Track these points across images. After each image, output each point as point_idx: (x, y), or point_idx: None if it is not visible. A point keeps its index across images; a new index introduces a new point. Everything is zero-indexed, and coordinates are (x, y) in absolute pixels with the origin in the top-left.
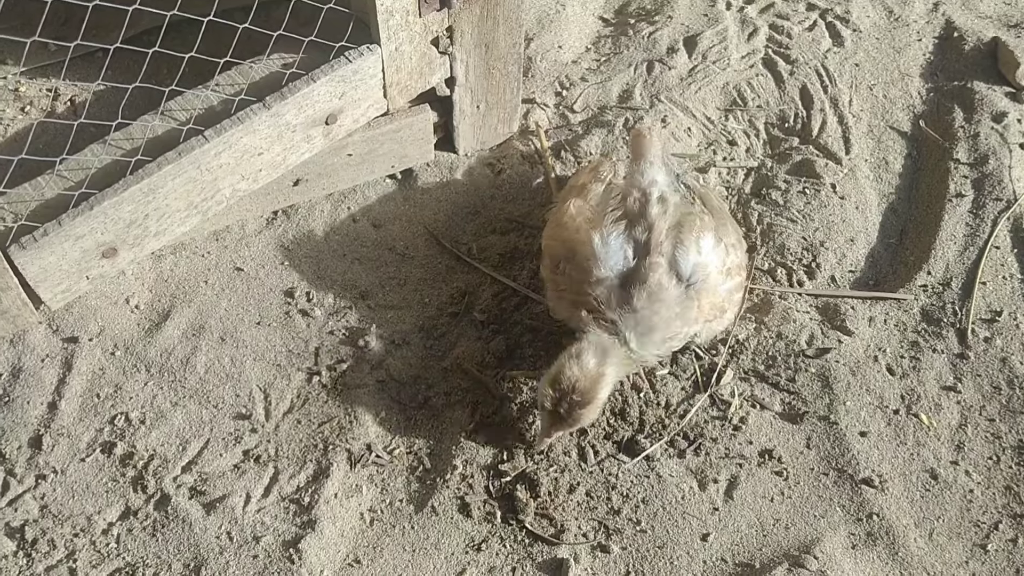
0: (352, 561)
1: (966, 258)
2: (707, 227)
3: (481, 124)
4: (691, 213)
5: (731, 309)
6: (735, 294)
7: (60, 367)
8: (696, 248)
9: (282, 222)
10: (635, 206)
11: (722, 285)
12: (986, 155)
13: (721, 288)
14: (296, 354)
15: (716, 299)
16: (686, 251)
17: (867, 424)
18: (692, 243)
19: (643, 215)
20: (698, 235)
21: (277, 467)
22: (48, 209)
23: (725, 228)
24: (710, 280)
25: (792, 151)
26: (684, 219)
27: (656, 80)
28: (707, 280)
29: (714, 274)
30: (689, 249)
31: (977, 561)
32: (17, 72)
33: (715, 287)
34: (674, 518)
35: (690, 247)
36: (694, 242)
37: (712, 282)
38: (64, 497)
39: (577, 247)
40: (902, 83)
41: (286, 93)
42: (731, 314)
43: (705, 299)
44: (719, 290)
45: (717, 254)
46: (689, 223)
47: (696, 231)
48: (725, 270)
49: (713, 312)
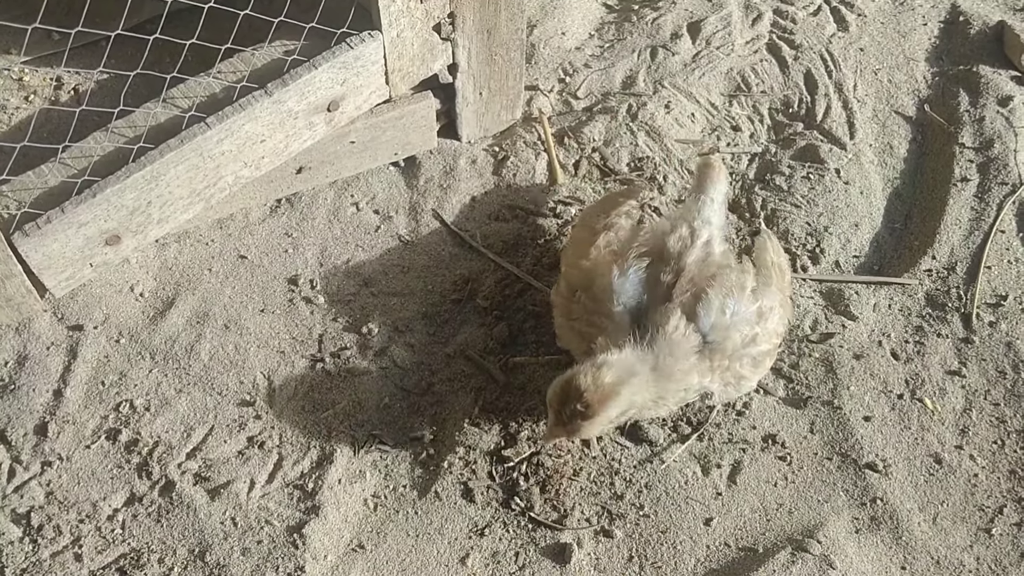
0: (356, 546)
1: (971, 243)
2: (743, 287)
3: (484, 111)
4: (729, 267)
5: (753, 377)
6: (762, 361)
7: (65, 355)
8: (720, 308)
9: (285, 210)
10: (677, 244)
11: (745, 350)
12: (991, 139)
13: (743, 353)
14: (300, 341)
15: (734, 365)
16: (709, 307)
17: (871, 409)
18: (717, 300)
19: (678, 256)
20: (727, 294)
21: (281, 453)
22: (51, 196)
23: (768, 290)
24: (728, 343)
25: (796, 136)
26: (720, 272)
27: (660, 66)
28: (725, 343)
29: (736, 338)
30: (712, 306)
31: (981, 545)
32: (21, 61)
33: (734, 351)
34: (677, 503)
35: (713, 304)
36: (720, 300)
37: (731, 346)
38: (69, 484)
39: (596, 278)
40: (907, 67)
41: (288, 80)
42: (752, 382)
43: (718, 361)
44: (740, 355)
45: (746, 319)
46: (723, 279)
47: (726, 289)
48: (752, 335)
49: (729, 376)
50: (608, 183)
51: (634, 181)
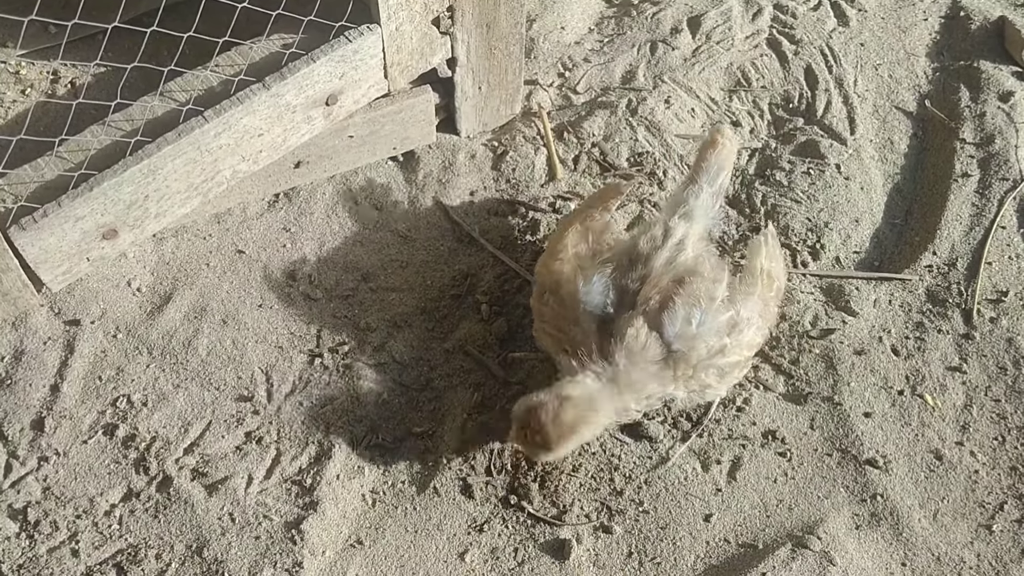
0: (354, 542)
1: (972, 238)
2: (712, 297)
3: (483, 105)
4: (700, 274)
5: (721, 386)
6: (730, 372)
7: (62, 350)
8: (686, 318)
9: (284, 204)
10: (647, 245)
11: (711, 360)
12: (992, 135)
13: (708, 364)
14: (298, 336)
15: (699, 375)
16: (674, 318)
17: (871, 405)
18: (683, 311)
19: (646, 259)
20: (694, 304)
21: (279, 449)
22: (48, 190)
23: (748, 299)
24: (693, 354)
25: (796, 132)
26: (689, 280)
27: (660, 61)
28: (690, 353)
29: (701, 349)
30: (677, 316)
31: (982, 542)
32: (18, 54)
33: (698, 362)
34: (677, 499)
35: (679, 314)
36: (686, 310)
37: (695, 356)
38: (66, 479)
39: (562, 281)
40: (908, 63)
41: (286, 73)
42: (719, 391)
43: (682, 371)
44: (706, 365)
45: (714, 329)
46: (690, 288)
47: (693, 299)
48: (720, 347)
49: (694, 384)
50: (608, 178)
51: (632, 175)
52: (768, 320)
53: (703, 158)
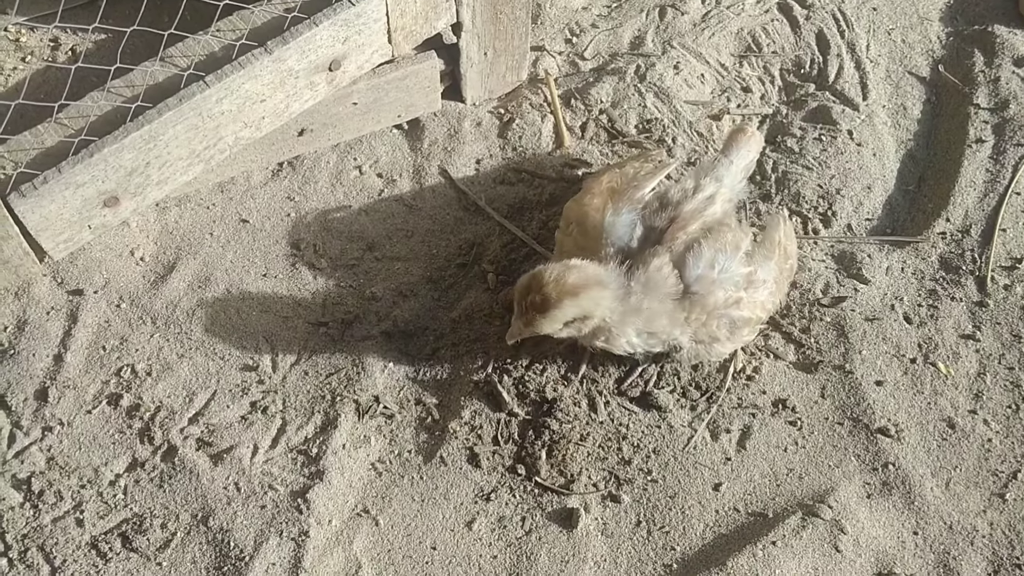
0: (361, 511)
1: (986, 205)
2: (737, 246)
3: (489, 72)
4: (727, 225)
5: (728, 343)
6: (740, 328)
7: (65, 319)
8: (710, 261)
9: (287, 173)
10: (678, 194)
11: (726, 310)
12: (1007, 100)
13: (723, 313)
14: (303, 306)
15: (711, 323)
16: (699, 258)
17: (883, 373)
18: (708, 253)
19: (676, 204)
20: (720, 248)
21: (284, 418)
22: (48, 157)
23: (767, 263)
24: (711, 299)
25: (808, 97)
26: (717, 227)
27: (668, 26)
28: (708, 298)
29: (719, 295)
30: (702, 257)
31: (995, 510)
32: (18, 21)
33: (715, 308)
34: (686, 468)
35: (704, 256)
36: (711, 253)
37: (712, 302)
38: (71, 449)
39: (591, 212)
40: (921, 27)
41: (288, 38)
42: (724, 349)
43: (696, 315)
44: (720, 314)
45: (733, 279)
46: (718, 233)
47: (720, 244)
48: (736, 298)
49: (703, 334)
50: (615, 145)
51: (643, 145)
52: (779, 292)
53: (733, 139)
